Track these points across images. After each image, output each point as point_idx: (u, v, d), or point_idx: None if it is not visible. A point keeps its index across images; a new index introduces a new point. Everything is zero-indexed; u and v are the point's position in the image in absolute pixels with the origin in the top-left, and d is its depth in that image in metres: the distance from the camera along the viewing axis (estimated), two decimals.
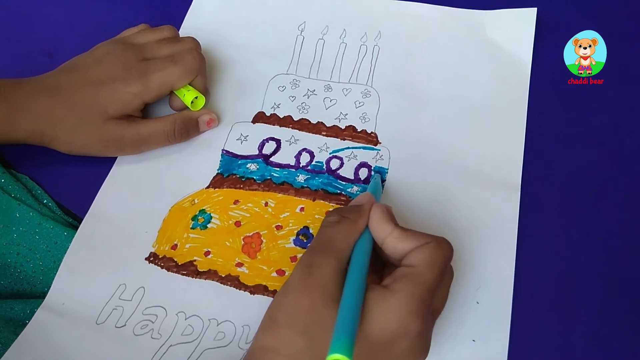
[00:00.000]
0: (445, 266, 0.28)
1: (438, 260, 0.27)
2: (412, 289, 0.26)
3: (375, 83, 0.42)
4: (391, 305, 0.26)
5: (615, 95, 0.41)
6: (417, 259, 0.27)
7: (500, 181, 0.37)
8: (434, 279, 0.27)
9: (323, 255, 0.28)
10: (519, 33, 0.43)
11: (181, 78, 0.38)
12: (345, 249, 0.29)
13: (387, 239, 0.29)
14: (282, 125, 0.41)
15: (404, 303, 0.26)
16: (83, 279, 0.35)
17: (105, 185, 0.39)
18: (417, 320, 0.26)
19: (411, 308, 0.26)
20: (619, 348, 0.33)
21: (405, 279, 0.27)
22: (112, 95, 0.37)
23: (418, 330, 0.26)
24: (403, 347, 0.26)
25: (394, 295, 0.26)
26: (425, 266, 0.27)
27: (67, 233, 0.37)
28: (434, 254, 0.27)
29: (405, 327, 0.26)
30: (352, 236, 0.29)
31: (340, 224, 0.29)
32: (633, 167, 0.38)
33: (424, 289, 0.26)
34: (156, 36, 0.40)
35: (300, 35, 0.45)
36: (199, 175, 0.39)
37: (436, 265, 0.27)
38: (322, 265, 0.27)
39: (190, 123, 0.39)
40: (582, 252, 0.35)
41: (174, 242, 0.36)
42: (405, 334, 0.26)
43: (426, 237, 0.28)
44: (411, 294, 0.26)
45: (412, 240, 0.28)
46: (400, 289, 0.26)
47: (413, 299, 0.26)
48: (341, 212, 0.30)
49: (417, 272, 0.27)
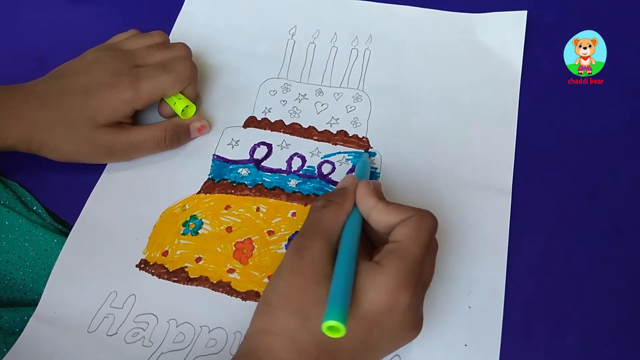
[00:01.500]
0: (430, 238, 0.29)
1: (422, 233, 0.28)
2: (399, 263, 0.27)
3: (366, 87, 0.42)
4: (381, 279, 0.27)
5: (615, 95, 0.41)
6: (401, 233, 0.28)
7: (491, 185, 0.37)
8: (419, 251, 0.28)
9: (312, 238, 0.29)
10: (510, 36, 0.43)
11: (173, 86, 0.38)
12: (333, 230, 0.29)
13: (371, 212, 0.30)
14: (274, 129, 0.41)
15: (393, 277, 0.27)
16: (74, 287, 0.35)
17: (95, 191, 0.39)
18: (406, 293, 0.27)
19: (400, 281, 0.27)
20: (611, 352, 0.33)
21: (392, 254, 0.28)
22: (101, 102, 0.36)
23: (408, 302, 0.27)
24: (395, 320, 0.27)
25: (383, 269, 0.27)
26: (410, 240, 0.28)
27: (57, 240, 0.37)
28: (417, 228, 0.28)
29: (395, 300, 0.27)
30: (339, 218, 0.30)
31: (327, 207, 0.30)
32: (632, 168, 0.38)
33: (410, 262, 0.27)
34: (146, 42, 0.40)
35: (291, 40, 0.45)
36: (189, 180, 0.39)
37: (421, 239, 0.28)
38: (312, 247, 0.28)
39: (181, 130, 0.39)
40: (574, 256, 0.35)
41: (164, 248, 0.36)
42: (396, 307, 0.27)
43: (409, 211, 0.29)
44: (399, 268, 0.27)
45: (396, 214, 0.29)
46: (389, 264, 0.27)
47: (401, 273, 0.27)
48: (327, 196, 0.31)
49: (403, 246, 0.28)
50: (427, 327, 0.32)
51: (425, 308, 0.33)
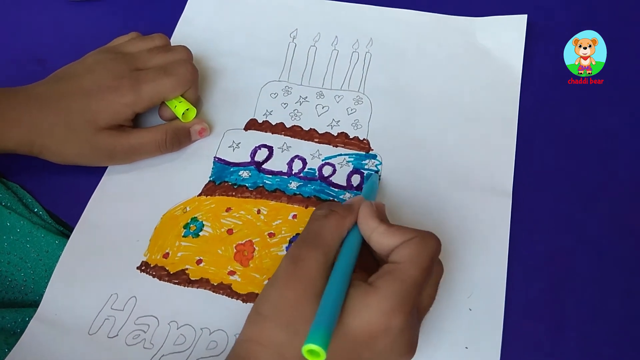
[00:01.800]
0: (431, 261, 0.28)
1: (423, 256, 0.27)
2: (395, 285, 0.26)
3: (367, 90, 0.42)
4: (373, 301, 0.26)
5: (615, 96, 0.41)
6: (401, 255, 0.27)
7: (492, 187, 0.37)
8: (418, 275, 0.27)
9: (310, 249, 0.28)
10: (510, 40, 0.43)
11: (174, 90, 0.38)
12: (332, 243, 0.29)
13: (373, 234, 0.29)
14: (275, 132, 0.41)
15: (386, 299, 0.26)
16: (75, 289, 0.35)
17: (96, 193, 0.39)
18: (399, 317, 0.26)
19: (393, 304, 0.26)
20: (612, 354, 0.33)
21: (389, 276, 0.27)
22: (102, 105, 0.36)
23: (401, 326, 0.26)
24: (386, 344, 0.26)
25: (377, 291, 0.26)
26: (409, 262, 0.27)
27: (59, 241, 0.37)
28: (418, 250, 0.27)
29: (387, 323, 0.26)
30: (340, 231, 0.29)
31: (329, 217, 0.29)
32: (633, 168, 0.38)
33: (407, 285, 0.26)
34: (147, 45, 0.40)
35: (292, 42, 0.45)
36: (190, 182, 0.39)
37: (421, 261, 0.27)
38: (308, 258, 0.27)
39: (181, 133, 0.39)
40: (574, 258, 0.35)
41: (165, 250, 0.36)
42: (388, 330, 0.26)
43: (412, 232, 0.28)
44: (394, 291, 0.26)
45: (398, 236, 0.28)
46: (383, 285, 0.26)
47: (395, 296, 0.26)
48: (330, 206, 0.30)
49: (401, 268, 0.27)
50: (428, 330, 0.33)
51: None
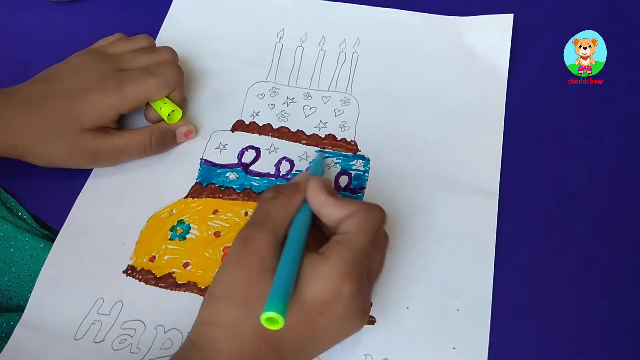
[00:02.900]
0: (377, 231, 0.29)
1: (369, 225, 0.29)
2: (344, 253, 0.27)
3: (354, 91, 0.42)
4: (324, 269, 0.27)
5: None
6: (349, 225, 0.29)
7: (478, 188, 0.37)
8: (365, 242, 0.28)
9: (258, 229, 0.29)
10: (496, 39, 0.43)
11: (158, 91, 0.38)
12: (281, 222, 0.29)
13: (321, 207, 0.30)
14: (262, 133, 0.41)
15: (336, 266, 0.27)
16: (60, 294, 0.35)
17: (81, 197, 0.38)
18: (349, 282, 0.27)
19: (343, 271, 0.27)
20: (598, 353, 0.33)
21: (338, 245, 0.28)
22: (86, 106, 0.36)
23: (352, 291, 0.27)
24: (339, 310, 0.27)
25: (327, 259, 0.27)
26: (356, 232, 0.28)
27: (43, 245, 0.36)
28: (365, 220, 0.29)
29: (338, 289, 0.27)
30: (288, 210, 0.30)
31: (276, 199, 0.30)
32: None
33: (355, 252, 0.28)
34: (132, 46, 0.39)
35: (279, 43, 0.45)
36: (177, 185, 0.38)
37: (367, 230, 0.28)
38: (257, 238, 0.28)
39: (167, 134, 0.39)
40: (560, 258, 0.36)
41: (151, 254, 0.36)
42: (339, 296, 0.27)
43: (358, 204, 0.30)
44: (343, 258, 0.27)
45: (345, 208, 0.29)
46: (333, 254, 0.27)
47: (345, 262, 0.27)
48: (277, 187, 0.31)
49: (349, 237, 0.28)
50: (415, 330, 0.33)
51: (414, 310, 0.33)
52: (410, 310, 0.33)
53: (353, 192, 0.38)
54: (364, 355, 0.32)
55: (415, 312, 0.33)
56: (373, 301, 0.34)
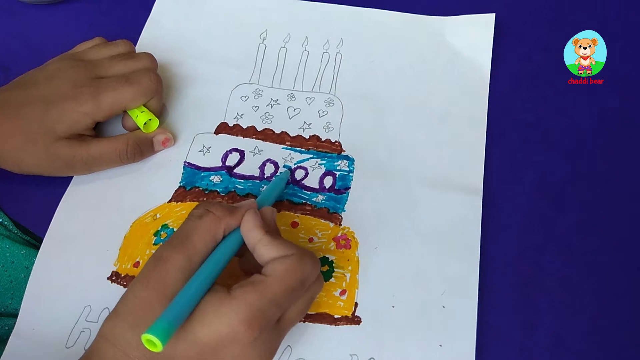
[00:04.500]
0: (301, 283, 0.28)
1: (293, 275, 0.27)
2: (252, 298, 0.26)
3: (338, 91, 0.42)
4: (225, 311, 0.26)
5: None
6: (272, 269, 0.27)
7: (463, 186, 0.38)
8: (281, 292, 0.27)
9: (173, 251, 0.27)
10: (478, 38, 0.43)
11: (135, 99, 0.37)
12: (200, 247, 0.28)
13: (257, 245, 0.29)
14: (246, 135, 0.40)
15: (238, 311, 0.26)
16: (49, 303, 0.34)
17: (63, 203, 0.38)
18: (249, 330, 0.26)
19: (244, 317, 0.26)
20: (582, 348, 0.33)
21: (250, 287, 0.27)
22: (61, 114, 0.35)
23: (249, 339, 0.26)
24: (234, 354, 0.26)
25: (231, 301, 0.26)
26: (276, 278, 0.27)
27: (25, 252, 0.36)
28: (290, 268, 0.27)
29: (234, 334, 0.26)
30: (212, 233, 0.28)
31: (202, 219, 0.28)
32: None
33: (264, 300, 0.26)
34: (111, 52, 0.39)
35: (262, 44, 0.45)
36: (160, 189, 0.38)
37: (289, 279, 0.27)
38: (169, 260, 0.27)
39: (144, 143, 0.38)
40: (545, 254, 0.36)
41: (136, 259, 0.35)
42: (235, 341, 0.26)
43: (292, 249, 0.28)
44: (249, 303, 0.26)
45: (278, 249, 0.28)
46: (240, 296, 0.26)
47: (249, 309, 0.26)
48: (208, 206, 0.29)
49: (266, 282, 0.27)
50: (401, 328, 0.33)
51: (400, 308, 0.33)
52: (396, 309, 0.33)
53: (338, 192, 0.38)
54: (350, 355, 0.32)
55: (401, 310, 0.33)
56: (358, 301, 0.34)
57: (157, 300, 0.26)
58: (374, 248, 0.35)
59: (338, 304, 0.34)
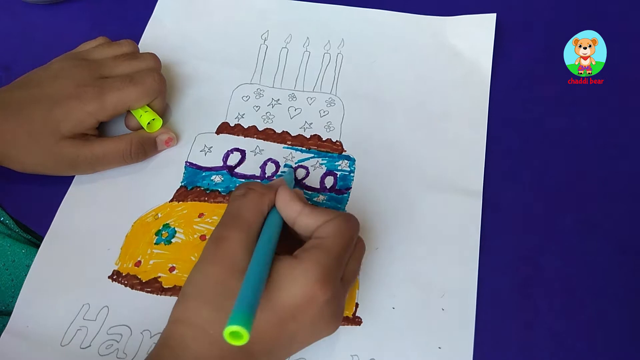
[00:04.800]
0: (352, 237, 0.29)
1: (345, 231, 0.29)
2: (319, 258, 0.27)
3: (339, 91, 0.42)
4: (298, 273, 0.27)
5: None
6: (325, 231, 0.29)
7: (463, 188, 0.38)
8: (341, 248, 0.28)
9: (230, 228, 0.29)
10: (479, 39, 0.43)
11: (139, 99, 0.37)
12: (253, 220, 0.29)
13: (299, 217, 0.30)
14: (247, 135, 0.41)
15: (311, 271, 0.27)
16: (46, 300, 0.34)
17: (65, 202, 0.38)
18: (323, 288, 0.27)
19: (317, 276, 0.27)
20: (582, 350, 0.33)
21: (314, 249, 0.28)
22: (65, 113, 0.35)
23: (325, 297, 0.27)
24: (311, 314, 0.27)
25: (301, 264, 0.27)
26: (332, 237, 0.28)
27: (26, 250, 0.36)
28: (341, 226, 0.29)
29: (311, 294, 0.27)
30: (260, 207, 0.30)
31: (247, 196, 0.30)
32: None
33: (331, 258, 0.28)
34: (114, 51, 0.39)
35: (263, 44, 0.45)
36: (161, 188, 0.38)
37: (343, 236, 0.29)
38: (230, 238, 0.28)
39: (147, 143, 0.39)
40: (544, 256, 0.36)
41: (137, 258, 0.36)
42: (312, 301, 0.27)
43: (335, 212, 0.30)
44: (318, 263, 0.27)
45: (322, 216, 0.29)
46: (308, 258, 0.27)
47: (319, 267, 0.27)
48: (248, 185, 0.31)
49: (324, 242, 0.28)
50: (401, 330, 0.33)
51: (400, 310, 0.33)
52: (396, 310, 0.34)
53: (339, 192, 0.38)
54: (351, 355, 0.32)
55: (401, 312, 0.34)
56: (359, 302, 0.34)
57: (229, 275, 0.27)
58: (374, 249, 0.35)
59: None
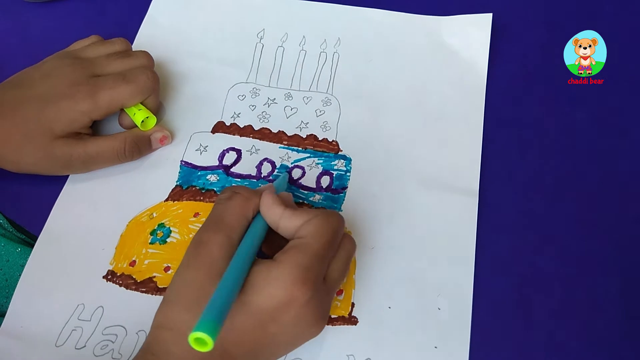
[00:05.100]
0: (334, 235, 0.29)
1: (325, 230, 0.29)
2: (297, 257, 0.27)
3: (335, 91, 0.42)
4: (276, 275, 0.27)
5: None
6: (305, 231, 0.29)
7: (459, 187, 0.38)
8: (320, 247, 0.28)
9: (212, 232, 0.29)
10: (475, 38, 0.43)
11: (132, 97, 0.37)
12: (236, 225, 0.29)
13: (281, 220, 0.30)
14: (243, 135, 0.40)
15: (289, 272, 0.27)
16: (40, 301, 0.34)
17: (59, 201, 0.38)
18: (302, 289, 0.27)
19: (296, 276, 0.27)
20: (578, 349, 0.33)
21: (292, 250, 0.28)
22: (58, 113, 0.35)
23: (305, 298, 0.27)
24: (292, 315, 0.27)
25: (279, 265, 0.27)
26: (311, 236, 0.28)
27: (20, 250, 0.36)
28: (321, 225, 0.29)
29: (290, 295, 0.27)
30: (244, 212, 0.30)
31: (232, 199, 0.30)
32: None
33: (309, 257, 0.27)
34: (107, 50, 0.39)
35: (259, 43, 0.45)
36: (157, 187, 0.38)
37: (323, 235, 0.28)
38: (210, 241, 0.28)
39: (141, 141, 0.38)
40: (540, 256, 0.36)
41: (132, 258, 0.35)
42: (292, 302, 0.27)
43: (315, 211, 0.30)
44: (296, 264, 0.27)
45: (302, 216, 0.29)
46: (286, 259, 0.27)
47: (297, 268, 0.27)
48: (234, 188, 0.31)
49: (303, 242, 0.28)
50: (397, 330, 0.33)
51: (396, 309, 0.33)
52: (392, 310, 0.34)
53: (335, 192, 0.38)
54: (347, 355, 0.32)
55: (397, 311, 0.34)
56: (355, 301, 0.34)
57: (207, 280, 0.27)
58: (370, 248, 0.35)
59: (335, 304, 0.34)
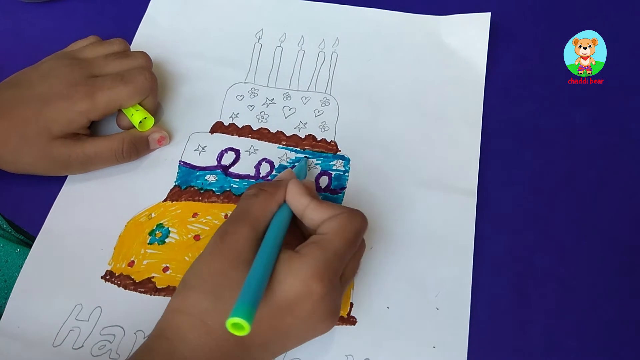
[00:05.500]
0: (356, 236, 0.29)
1: (348, 229, 0.29)
2: (318, 253, 0.28)
3: (334, 91, 0.42)
4: (297, 267, 0.27)
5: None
6: (328, 227, 0.29)
7: (457, 187, 0.38)
8: (341, 245, 0.28)
9: (238, 224, 0.29)
10: (474, 37, 0.43)
11: (130, 98, 0.37)
12: (261, 218, 0.30)
13: (306, 210, 0.30)
14: (241, 135, 0.40)
15: (309, 266, 0.27)
16: (38, 301, 0.34)
17: (57, 201, 0.38)
18: (320, 283, 0.27)
19: (315, 271, 0.27)
20: (575, 347, 0.33)
21: (314, 245, 0.28)
22: (56, 113, 0.35)
23: (321, 292, 0.27)
24: (307, 309, 0.27)
25: (301, 258, 0.28)
26: (334, 233, 0.29)
27: (19, 250, 0.36)
28: (345, 223, 0.29)
29: (308, 288, 0.27)
30: (269, 207, 0.30)
31: (258, 196, 0.31)
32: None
33: (330, 253, 0.28)
34: (105, 50, 0.39)
35: (257, 43, 0.45)
36: (155, 188, 0.38)
37: (345, 234, 0.29)
38: (236, 232, 0.29)
39: (139, 142, 0.38)
40: (538, 256, 0.36)
41: (130, 258, 0.35)
42: (308, 296, 0.27)
43: (341, 208, 0.30)
44: (317, 258, 0.28)
45: (329, 211, 0.30)
46: (307, 252, 0.28)
47: (318, 263, 0.27)
48: (260, 185, 0.32)
49: (326, 238, 0.29)
50: (396, 330, 0.33)
51: (395, 309, 0.33)
52: (391, 310, 0.34)
53: (333, 192, 0.38)
54: (345, 355, 0.32)
55: (396, 311, 0.34)
56: (353, 301, 0.34)
57: (232, 269, 0.27)
58: (369, 248, 0.35)
59: None
